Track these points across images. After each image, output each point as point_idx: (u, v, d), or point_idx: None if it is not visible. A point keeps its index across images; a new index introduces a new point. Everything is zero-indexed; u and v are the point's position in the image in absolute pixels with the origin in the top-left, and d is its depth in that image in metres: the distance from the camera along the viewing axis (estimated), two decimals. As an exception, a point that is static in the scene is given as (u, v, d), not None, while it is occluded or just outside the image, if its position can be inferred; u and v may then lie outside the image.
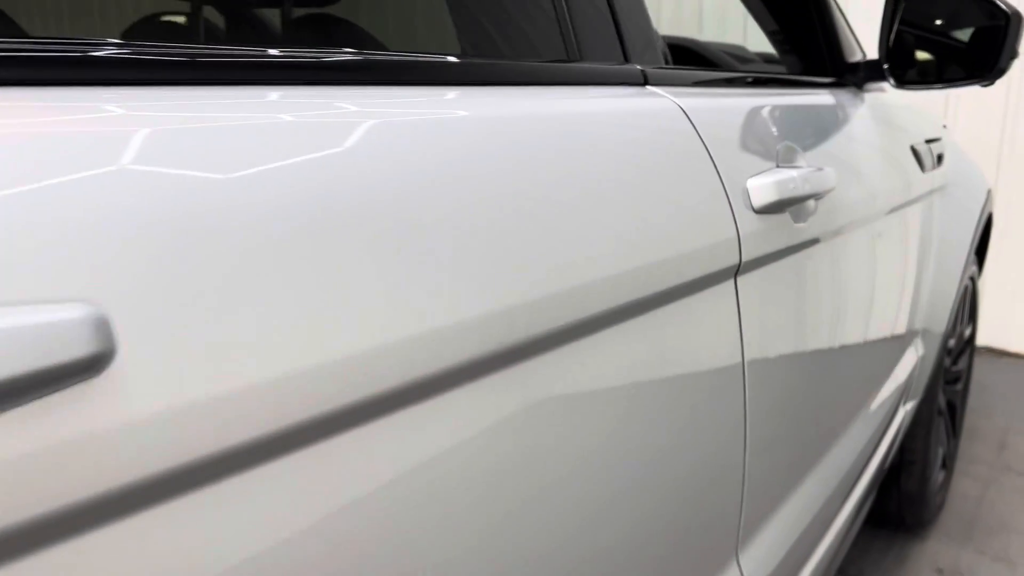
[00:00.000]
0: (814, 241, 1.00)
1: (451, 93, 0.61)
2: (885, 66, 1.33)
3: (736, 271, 0.81)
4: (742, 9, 1.73)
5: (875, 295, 1.32)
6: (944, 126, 2.02)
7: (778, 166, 0.91)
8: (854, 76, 1.41)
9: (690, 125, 0.78)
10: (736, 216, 0.79)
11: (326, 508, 0.42)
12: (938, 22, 1.48)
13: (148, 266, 0.35)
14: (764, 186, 0.84)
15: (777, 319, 0.91)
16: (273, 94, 0.48)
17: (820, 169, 0.99)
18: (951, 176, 1.87)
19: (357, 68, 0.57)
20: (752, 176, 0.84)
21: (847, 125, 1.25)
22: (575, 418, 0.60)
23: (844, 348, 1.19)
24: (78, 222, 0.33)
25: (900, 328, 1.54)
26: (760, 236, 0.84)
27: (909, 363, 1.65)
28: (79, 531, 0.33)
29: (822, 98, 1.24)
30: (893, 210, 1.37)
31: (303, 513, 0.41)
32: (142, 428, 0.34)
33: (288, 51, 0.52)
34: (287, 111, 0.46)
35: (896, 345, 1.54)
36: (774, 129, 0.96)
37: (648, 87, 0.81)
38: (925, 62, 1.46)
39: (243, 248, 0.38)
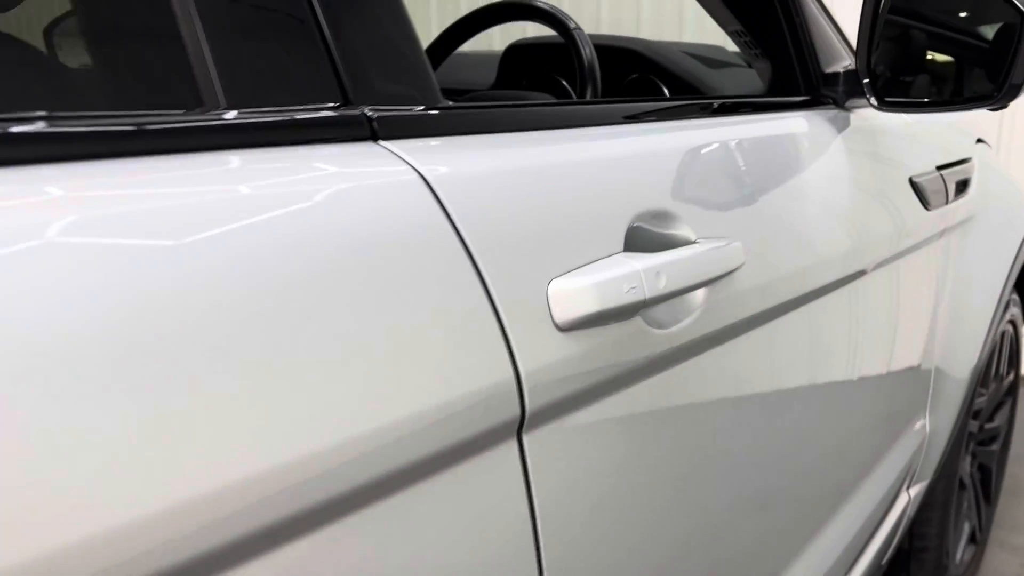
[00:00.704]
0: (707, 343, 0.70)
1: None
2: (866, 80, 1.01)
3: (520, 425, 0.52)
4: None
5: (837, 381, 1.01)
6: (979, 140, 1.66)
7: (626, 250, 0.61)
8: (832, 91, 1.10)
9: (435, 204, 0.50)
10: (513, 342, 0.51)
11: None
12: (961, 14, 1.15)
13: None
14: (577, 291, 0.55)
15: (618, 474, 0.62)
16: None
17: (725, 243, 0.69)
18: (983, 204, 1.53)
19: None
20: (559, 276, 0.55)
21: (801, 163, 0.94)
22: None
23: (783, 451, 0.89)
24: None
25: (889, 409, 1.24)
26: (571, 364, 0.55)
27: (912, 445, 1.34)
28: None
29: (767, 126, 0.93)
30: (876, 267, 1.06)
31: None
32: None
33: None
34: None
35: (884, 430, 1.24)
36: (640, 189, 0.67)
37: (380, 142, 0.52)
38: (939, 67, 1.13)
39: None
